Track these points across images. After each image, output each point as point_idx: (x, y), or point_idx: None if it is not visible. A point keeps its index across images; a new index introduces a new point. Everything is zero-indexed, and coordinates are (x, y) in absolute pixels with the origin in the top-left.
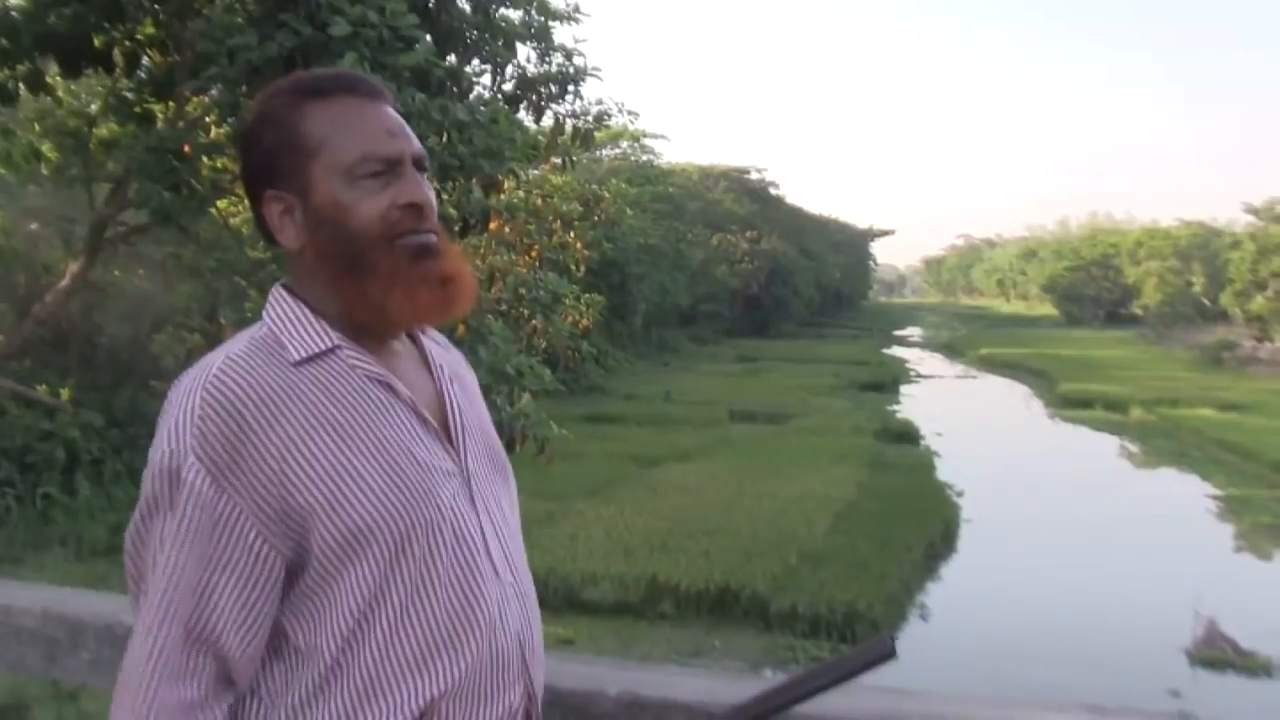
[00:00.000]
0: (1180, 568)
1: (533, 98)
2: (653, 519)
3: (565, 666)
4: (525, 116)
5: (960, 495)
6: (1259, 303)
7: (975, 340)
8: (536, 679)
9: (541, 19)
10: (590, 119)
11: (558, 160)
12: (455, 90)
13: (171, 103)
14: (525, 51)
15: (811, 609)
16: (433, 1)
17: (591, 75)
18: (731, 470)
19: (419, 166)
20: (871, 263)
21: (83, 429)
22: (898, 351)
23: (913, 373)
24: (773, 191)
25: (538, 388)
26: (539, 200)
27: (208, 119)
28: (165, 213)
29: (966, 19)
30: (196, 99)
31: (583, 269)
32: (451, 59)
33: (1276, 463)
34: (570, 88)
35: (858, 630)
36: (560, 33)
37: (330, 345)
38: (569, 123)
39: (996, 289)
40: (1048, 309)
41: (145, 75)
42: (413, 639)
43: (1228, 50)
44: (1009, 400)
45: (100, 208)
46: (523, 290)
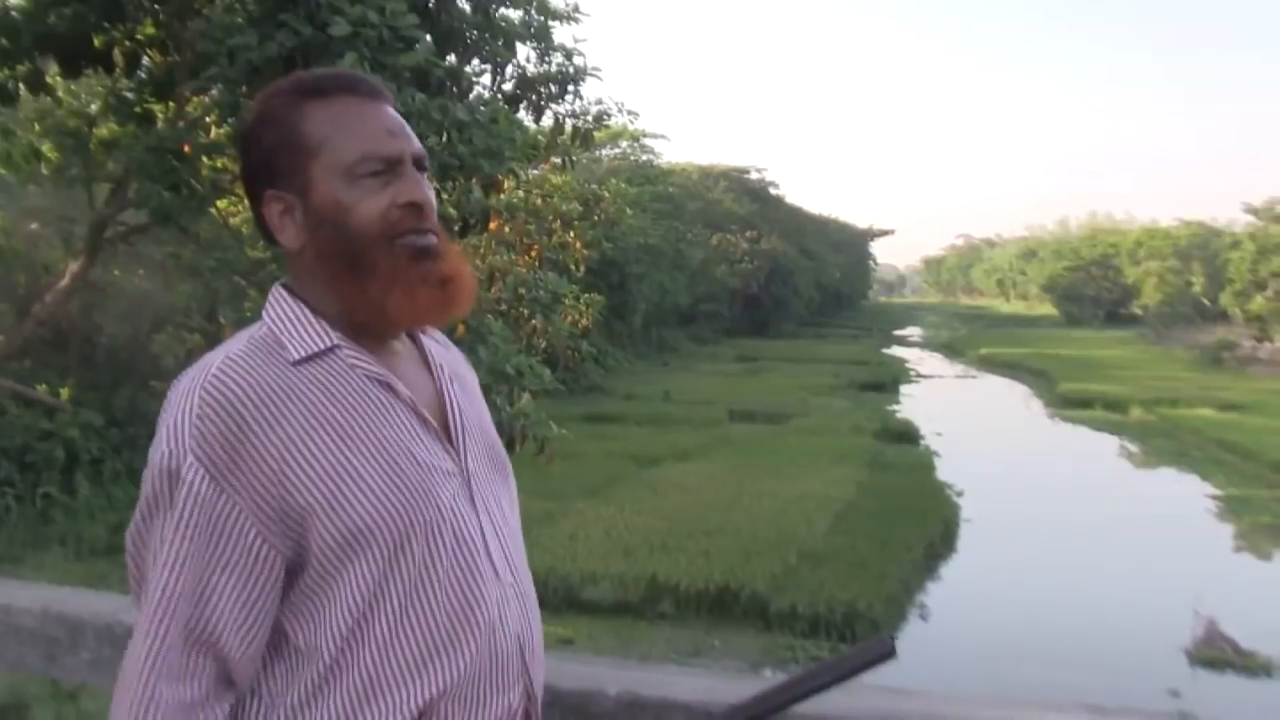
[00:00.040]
0: (1180, 568)
1: (533, 97)
2: (652, 519)
3: (565, 666)
4: (525, 116)
5: (960, 495)
6: (1259, 303)
7: (975, 340)
8: (536, 679)
9: (541, 19)
10: (590, 119)
11: (557, 160)
12: (455, 90)
13: (171, 103)
14: (525, 51)
15: (811, 609)
16: (433, 1)
17: (591, 75)
18: (731, 470)
19: (419, 166)
20: (871, 263)
21: (82, 429)
22: (897, 351)
23: (912, 372)
24: (772, 191)
25: (537, 387)
26: (539, 200)
27: (208, 119)
28: (165, 213)
29: (966, 19)
30: (196, 99)
31: (582, 269)
32: (451, 59)
33: (1276, 463)
34: (570, 87)
35: (857, 630)
36: (560, 32)
37: (330, 345)
38: (569, 122)
39: (996, 289)
40: (1047, 309)
41: (145, 75)
42: (412, 639)
43: (1228, 50)
44: (1009, 400)
45: (100, 208)
46: (522, 290)
